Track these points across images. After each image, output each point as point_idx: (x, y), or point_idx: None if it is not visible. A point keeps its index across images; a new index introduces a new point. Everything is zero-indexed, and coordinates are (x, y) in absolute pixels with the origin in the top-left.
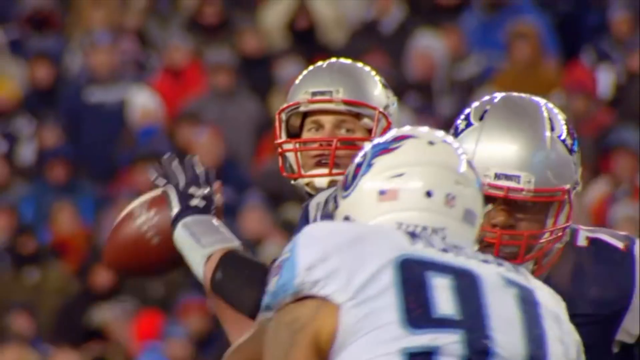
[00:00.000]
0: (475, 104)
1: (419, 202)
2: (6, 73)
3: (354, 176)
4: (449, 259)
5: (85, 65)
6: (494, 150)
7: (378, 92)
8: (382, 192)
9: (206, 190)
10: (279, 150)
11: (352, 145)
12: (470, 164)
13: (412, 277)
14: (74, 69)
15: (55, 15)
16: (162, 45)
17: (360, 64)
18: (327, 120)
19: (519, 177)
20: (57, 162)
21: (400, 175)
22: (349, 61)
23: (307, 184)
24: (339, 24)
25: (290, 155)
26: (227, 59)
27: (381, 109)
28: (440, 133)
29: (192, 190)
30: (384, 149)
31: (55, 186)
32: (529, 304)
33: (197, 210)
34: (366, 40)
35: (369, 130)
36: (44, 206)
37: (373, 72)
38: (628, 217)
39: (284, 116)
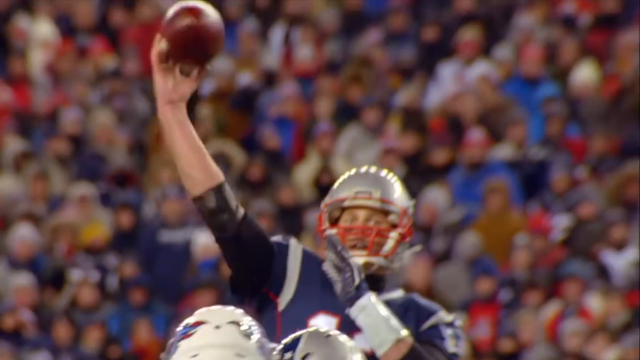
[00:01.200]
0: (301, 346)
1: None
2: (97, 219)
3: (167, 354)
4: None
5: (158, 213)
6: None
7: (402, 194)
8: None
9: None
10: (323, 235)
11: (382, 234)
12: (256, 341)
13: None
14: (150, 215)
15: (134, 173)
16: None
17: (386, 172)
18: (362, 214)
19: None
20: (137, 288)
21: (195, 356)
22: (378, 169)
23: None
24: None
25: None
26: (268, 209)
27: (405, 208)
28: (231, 317)
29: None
30: (184, 334)
31: (136, 307)
32: None
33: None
34: None
35: (392, 225)
36: (127, 322)
37: (395, 178)
38: (573, 332)
39: (327, 209)
